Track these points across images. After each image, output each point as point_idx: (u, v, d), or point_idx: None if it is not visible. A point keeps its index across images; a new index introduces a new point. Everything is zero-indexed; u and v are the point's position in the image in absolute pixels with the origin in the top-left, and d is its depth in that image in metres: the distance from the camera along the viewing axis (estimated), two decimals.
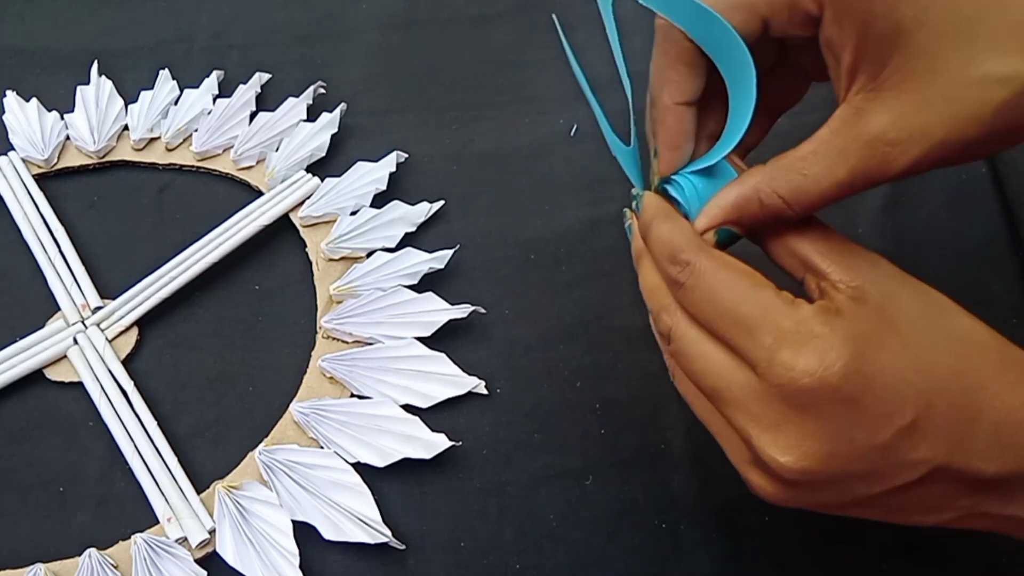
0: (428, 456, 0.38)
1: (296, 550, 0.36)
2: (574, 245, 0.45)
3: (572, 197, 0.47)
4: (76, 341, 0.44)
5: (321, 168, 0.49)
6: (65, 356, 0.44)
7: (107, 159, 0.51)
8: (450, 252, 0.45)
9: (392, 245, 0.45)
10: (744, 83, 0.28)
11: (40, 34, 0.58)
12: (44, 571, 0.37)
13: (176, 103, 0.53)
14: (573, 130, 0.50)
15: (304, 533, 0.37)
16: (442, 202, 0.47)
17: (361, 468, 0.39)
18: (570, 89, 0.52)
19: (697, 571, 0.36)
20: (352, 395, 0.41)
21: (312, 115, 0.51)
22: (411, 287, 0.43)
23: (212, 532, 0.38)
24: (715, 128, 0.31)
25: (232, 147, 0.50)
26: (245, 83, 0.53)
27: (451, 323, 0.42)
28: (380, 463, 0.38)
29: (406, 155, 0.49)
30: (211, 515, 0.38)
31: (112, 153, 0.51)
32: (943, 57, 0.25)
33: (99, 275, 0.47)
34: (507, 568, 0.37)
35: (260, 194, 0.49)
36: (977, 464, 0.25)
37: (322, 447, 0.40)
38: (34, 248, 0.47)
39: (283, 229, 0.48)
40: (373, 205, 0.47)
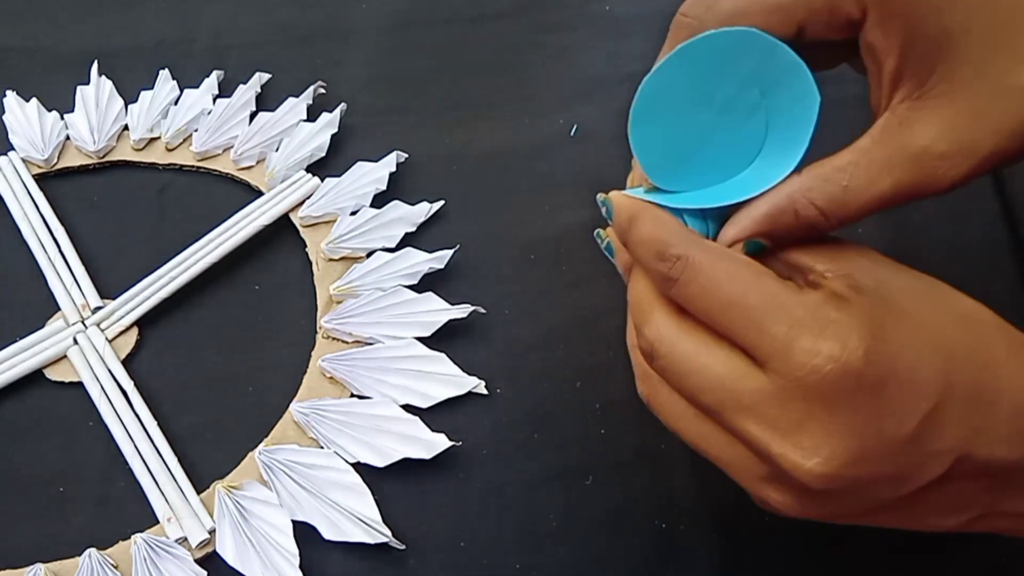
0: (428, 456, 0.38)
1: (296, 550, 0.36)
2: (574, 245, 0.45)
3: (572, 197, 0.47)
4: (76, 341, 0.44)
5: (321, 168, 0.49)
6: (65, 356, 0.44)
7: (107, 159, 0.51)
8: (450, 252, 0.45)
9: (392, 245, 0.45)
10: (801, 120, 0.26)
11: (40, 34, 0.58)
12: (44, 571, 0.37)
13: (176, 103, 0.53)
14: (573, 130, 0.50)
15: (304, 533, 0.37)
16: (442, 202, 0.47)
17: (361, 468, 0.39)
18: (570, 89, 0.52)
19: (697, 571, 0.36)
20: (352, 395, 0.41)
21: (312, 115, 0.51)
22: (411, 287, 0.43)
23: (212, 532, 0.38)
24: None
25: (232, 147, 0.50)
26: (245, 83, 0.53)
27: (451, 323, 0.42)
28: (380, 463, 0.38)
29: (406, 155, 0.49)
30: (211, 515, 0.38)
31: (112, 153, 0.51)
32: (989, 64, 0.24)
33: (99, 275, 0.47)
34: (507, 568, 0.37)
35: (260, 194, 0.49)
36: (1000, 451, 0.24)
37: (322, 447, 0.40)
38: (34, 248, 0.47)
39: (283, 229, 0.48)
40: (373, 205, 0.47)
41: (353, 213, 0.47)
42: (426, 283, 0.44)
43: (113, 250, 0.48)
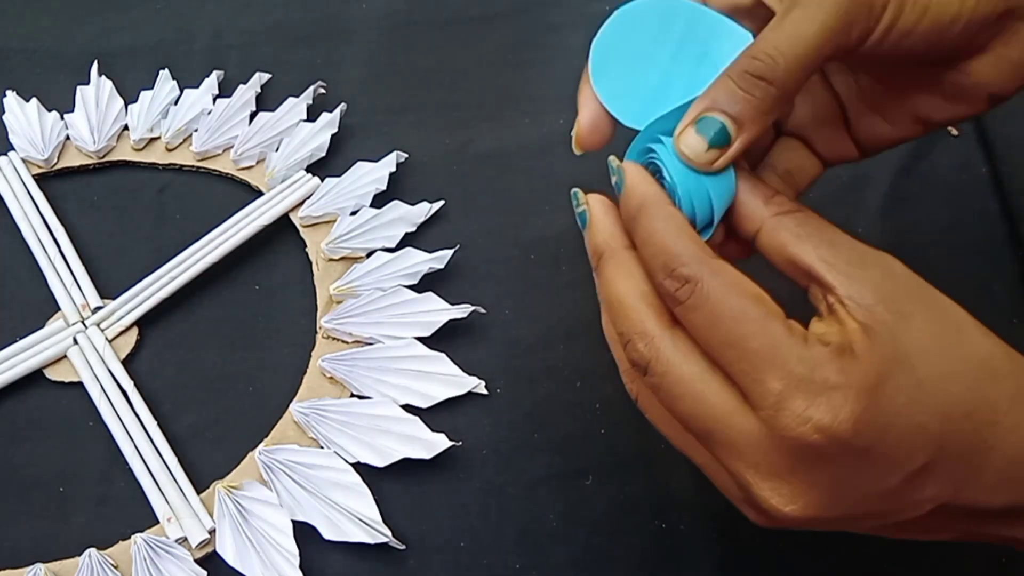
0: (428, 456, 0.38)
1: (296, 550, 0.36)
2: (574, 245, 0.45)
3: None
4: (76, 341, 0.44)
5: (321, 168, 0.49)
6: (65, 356, 0.44)
7: (107, 159, 0.51)
8: (450, 252, 0.45)
9: (392, 245, 0.45)
10: None
11: (40, 34, 0.58)
12: (44, 571, 0.37)
13: (176, 103, 0.53)
14: (573, 130, 0.50)
15: (304, 533, 0.37)
16: (442, 202, 0.47)
17: (361, 468, 0.39)
18: (570, 89, 0.52)
19: (697, 571, 0.36)
20: (352, 395, 0.41)
21: (312, 115, 0.51)
22: (411, 287, 0.43)
23: (212, 532, 0.38)
24: None
25: (232, 147, 0.50)
26: (245, 83, 0.53)
27: (451, 323, 0.42)
28: (380, 463, 0.38)
29: (406, 155, 0.49)
30: (211, 515, 0.38)
31: (112, 153, 0.51)
32: None
33: (99, 275, 0.47)
34: (507, 568, 0.37)
35: (260, 194, 0.49)
36: (985, 499, 0.24)
37: (322, 447, 0.40)
38: (34, 248, 0.47)
39: (283, 229, 0.48)
40: (373, 205, 0.47)
41: (353, 213, 0.47)
42: (426, 283, 0.44)
43: (113, 250, 0.48)
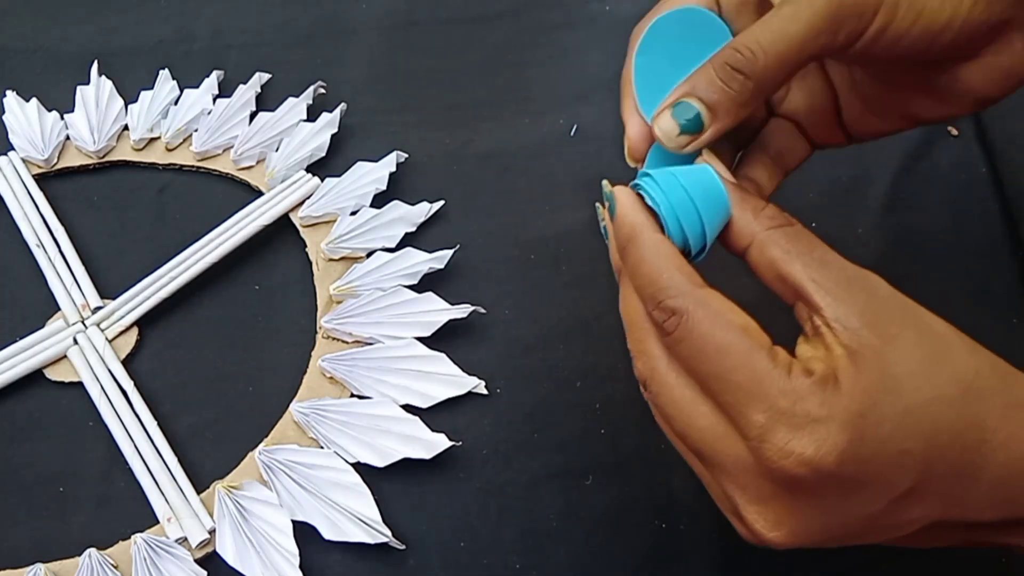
0: (428, 456, 0.38)
1: (296, 550, 0.36)
2: (574, 245, 0.45)
3: (572, 197, 0.47)
4: (76, 341, 0.44)
5: (321, 168, 0.49)
6: (65, 356, 0.44)
7: (107, 159, 0.51)
8: (450, 252, 0.45)
9: (392, 245, 0.45)
10: None
11: (40, 34, 0.58)
12: (44, 571, 0.37)
13: (176, 103, 0.53)
14: (573, 130, 0.50)
15: (304, 533, 0.37)
16: (442, 202, 0.47)
17: (361, 468, 0.39)
18: (570, 89, 0.52)
19: (697, 571, 0.36)
20: (352, 395, 0.41)
21: (312, 115, 0.51)
22: (411, 287, 0.43)
23: (212, 532, 0.38)
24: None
25: (232, 147, 0.50)
26: (245, 83, 0.53)
27: (451, 323, 0.42)
28: (380, 463, 0.38)
29: (406, 155, 0.49)
30: (211, 515, 0.38)
31: (112, 153, 0.51)
32: None
33: (99, 275, 0.47)
34: (507, 568, 0.37)
35: (260, 194, 0.49)
36: (976, 515, 0.25)
37: (322, 447, 0.40)
38: (34, 248, 0.47)
39: (283, 229, 0.48)
40: (373, 205, 0.47)
41: (353, 213, 0.47)
42: (426, 283, 0.44)
43: (113, 250, 0.48)
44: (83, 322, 0.45)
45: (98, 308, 0.45)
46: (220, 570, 0.37)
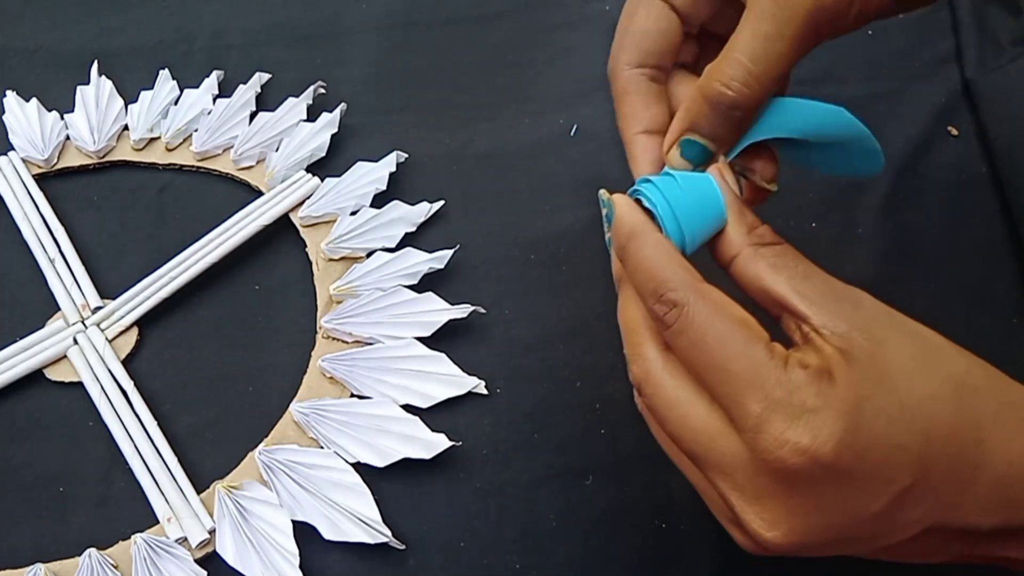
0: (428, 456, 0.38)
1: (296, 550, 0.36)
2: (574, 245, 0.45)
3: (572, 197, 0.47)
4: (76, 341, 0.44)
5: (321, 168, 0.49)
6: (65, 356, 0.44)
7: (107, 159, 0.51)
8: (450, 252, 0.45)
9: (392, 245, 0.45)
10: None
11: (40, 34, 0.58)
12: (44, 571, 0.37)
13: (176, 103, 0.53)
14: (573, 130, 0.50)
15: (304, 533, 0.37)
16: (442, 202, 0.47)
17: (361, 468, 0.39)
18: (570, 89, 0.52)
19: (697, 571, 0.36)
20: (352, 395, 0.41)
21: (312, 115, 0.51)
22: (411, 287, 0.43)
23: (212, 532, 0.38)
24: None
25: (232, 147, 0.50)
26: (245, 83, 0.53)
27: (451, 323, 0.42)
28: (380, 463, 0.38)
29: (406, 155, 0.49)
30: (211, 515, 0.38)
31: (112, 153, 0.51)
32: None
33: (99, 275, 0.47)
34: (507, 568, 0.37)
35: (260, 194, 0.49)
36: (975, 520, 0.24)
37: (322, 447, 0.40)
38: (34, 248, 0.47)
39: (283, 229, 0.48)
40: (373, 205, 0.47)
41: (353, 213, 0.47)
42: (426, 283, 0.44)
43: (113, 250, 0.48)
44: (83, 322, 0.45)
45: (98, 308, 0.45)
46: (220, 570, 0.37)
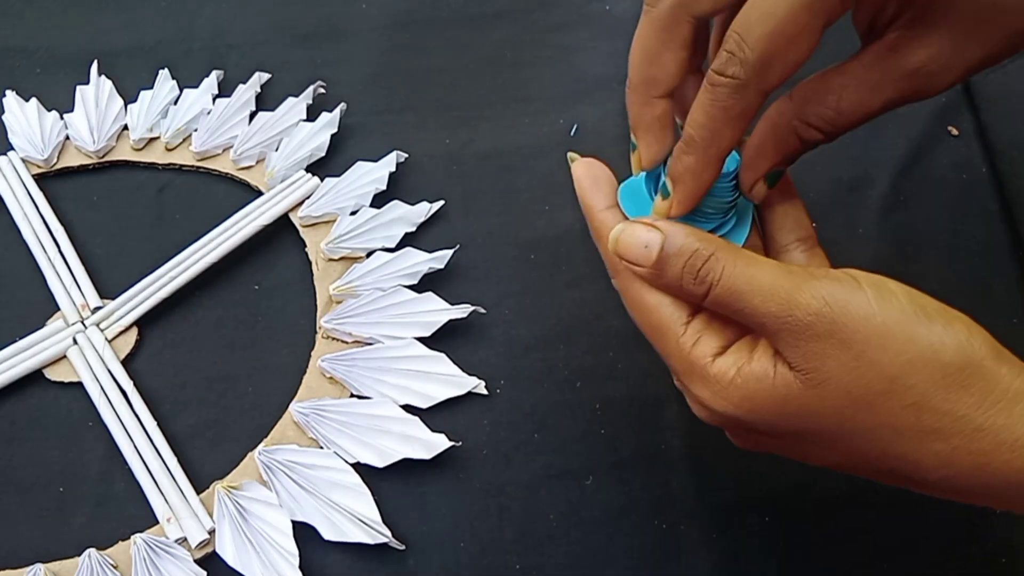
0: (428, 456, 0.38)
1: (296, 550, 0.36)
2: (574, 245, 0.45)
3: (572, 197, 0.47)
4: (76, 341, 0.44)
5: (321, 168, 0.49)
6: (65, 356, 0.44)
7: (107, 159, 0.51)
8: (450, 252, 0.45)
9: (392, 245, 0.45)
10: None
11: (40, 34, 0.58)
12: (44, 571, 0.37)
13: (176, 103, 0.53)
14: (573, 130, 0.50)
15: (304, 533, 0.37)
16: (442, 202, 0.47)
17: (361, 468, 0.39)
18: (570, 89, 0.52)
19: (697, 571, 0.36)
20: (352, 395, 0.41)
21: (312, 115, 0.51)
22: (411, 287, 0.43)
23: (212, 532, 0.38)
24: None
25: (232, 147, 0.50)
26: (245, 83, 0.53)
27: (451, 323, 0.42)
28: (380, 463, 0.38)
29: (406, 155, 0.49)
30: (211, 515, 0.38)
31: (112, 153, 0.51)
32: None
33: (99, 275, 0.47)
34: (507, 568, 0.37)
35: (260, 194, 0.49)
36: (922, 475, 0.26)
37: (322, 447, 0.40)
38: (34, 248, 0.47)
39: (283, 229, 0.48)
40: (373, 205, 0.47)
41: (353, 213, 0.47)
42: (426, 283, 0.44)
43: (113, 250, 0.48)
44: (83, 322, 0.45)
45: (98, 308, 0.45)
46: (220, 570, 0.37)
